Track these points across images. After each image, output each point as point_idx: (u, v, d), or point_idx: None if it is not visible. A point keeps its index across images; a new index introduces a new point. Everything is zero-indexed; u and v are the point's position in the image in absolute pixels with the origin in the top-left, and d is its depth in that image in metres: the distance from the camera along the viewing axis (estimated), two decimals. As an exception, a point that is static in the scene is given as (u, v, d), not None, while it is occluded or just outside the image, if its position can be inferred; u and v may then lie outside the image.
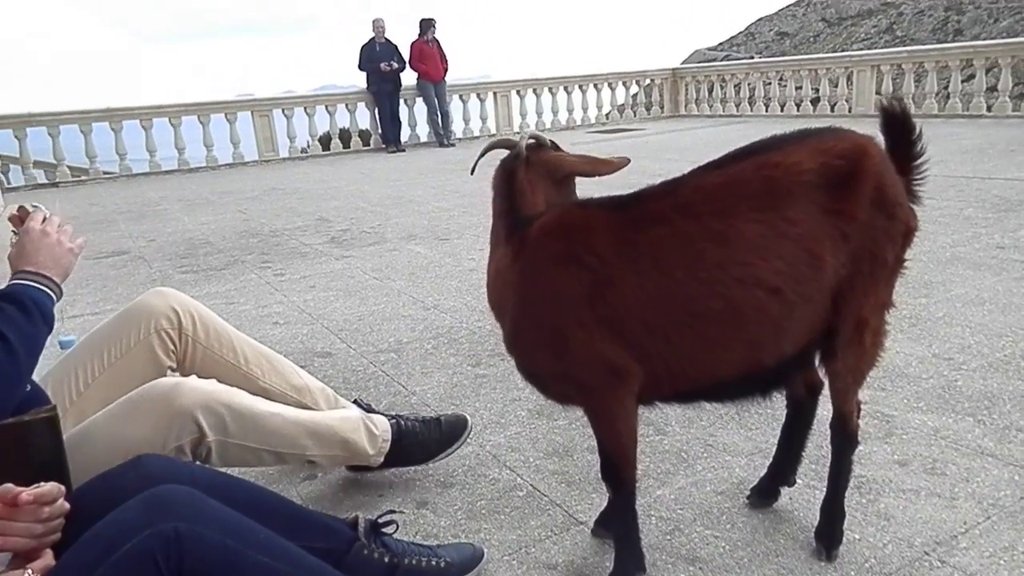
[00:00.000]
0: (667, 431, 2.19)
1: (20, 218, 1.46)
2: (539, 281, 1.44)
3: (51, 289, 1.37)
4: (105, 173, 10.05)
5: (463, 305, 3.54)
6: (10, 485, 1.02)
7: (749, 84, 12.91)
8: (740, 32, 27.15)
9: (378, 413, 1.99)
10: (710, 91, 13.54)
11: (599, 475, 1.63)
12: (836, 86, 11.48)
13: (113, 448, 1.43)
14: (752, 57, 20.37)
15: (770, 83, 12.62)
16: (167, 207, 7.28)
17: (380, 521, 1.49)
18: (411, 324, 3.32)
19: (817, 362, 1.54)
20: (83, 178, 9.91)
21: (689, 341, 1.40)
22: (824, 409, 1.67)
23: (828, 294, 1.42)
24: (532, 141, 1.59)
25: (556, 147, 1.64)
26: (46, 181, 9.74)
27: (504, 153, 1.63)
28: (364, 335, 3.22)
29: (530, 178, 1.55)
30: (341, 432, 1.77)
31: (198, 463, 1.50)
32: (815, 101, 11.98)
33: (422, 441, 1.95)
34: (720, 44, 26.68)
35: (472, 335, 3.13)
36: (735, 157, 1.43)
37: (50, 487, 1.03)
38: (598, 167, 1.62)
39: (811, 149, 1.40)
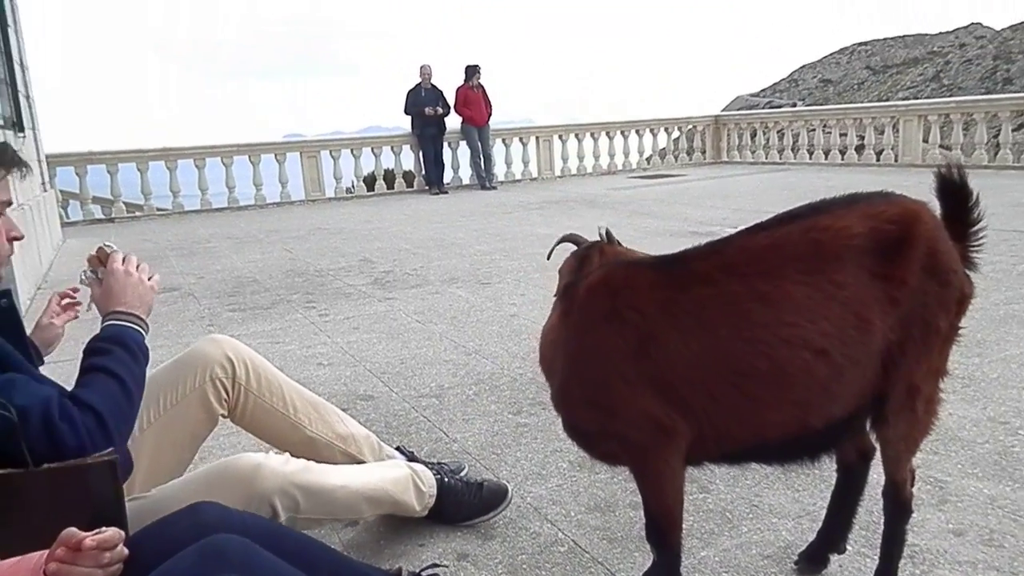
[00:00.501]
0: (711, 489, 2.15)
1: (99, 259, 1.52)
2: (585, 337, 1.46)
3: (141, 327, 1.45)
4: (159, 209, 10.38)
5: (504, 351, 3.56)
6: (74, 530, 1.05)
7: (792, 131, 12.89)
8: (783, 79, 27.20)
9: (421, 462, 2.01)
10: (752, 137, 13.54)
11: (642, 533, 1.61)
12: (882, 134, 11.38)
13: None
14: (795, 104, 20.35)
15: (814, 130, 12.56)
16: (216, 244, 7.48)
17: (423, 574, 1.49)
18: (452, 369, 3.34)
19: (868, 427, 1.52)
20: (137, 214, 10.25)
21: (735, 400, 1.40)
22: (876, 473, 1.64)
23: (878, 358, 1.41)
24: (605, 235, 1.64)
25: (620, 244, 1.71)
26: (103, 216, 10.10)
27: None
28: (406, 379, 3.25)
29: (600, 264, 1.59)
30: (394, 495, 1.82)
31: None
32: (859, 149, 11.88)
33: (461, 502, 1.98)
34: (763, 91, 26.74)
35: (513, 382, 3.13)
36: (781, 220, 1.44)
37: (111, 533, 1.06)
38: None
39: (861, 214, 1.40)
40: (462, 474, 2.21)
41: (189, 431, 1.76)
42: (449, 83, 11.36)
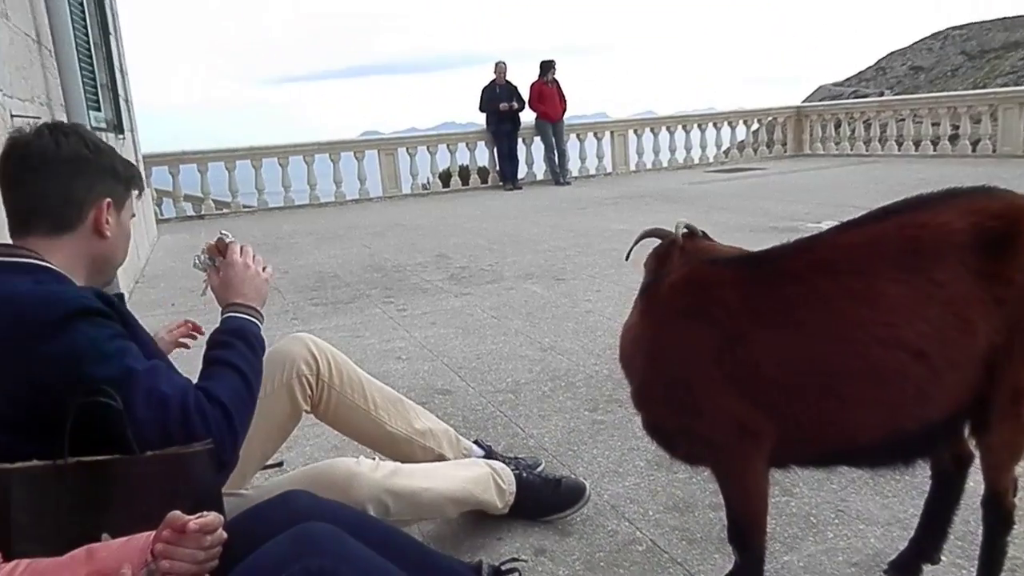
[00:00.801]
0: (795, 492, 2.10)
1: (218, 248, 1.59)
2: (668, 336, 1.44)
3: (258, 319, 1.52)
4: (245, 206, 10.80)
5: (580, 348, 3.55)
6: (179, 513, 1.10)
7: (880, 121, 12.35)
8: (869, 67, 26.08)
9: (500, 458, 2.03)
10: (836, 129, 13.04)
11: (722, 534, 1.59)
12: (979, 123, 10.79)
13: None
14: (882, 93, 19.49)
15: (903, 120, 12.00)
16: (299, 240, 7.73)
17: (503, 568, 1.51)
18: (528, 365, 3.36)
19: (967, 433, 1.45)
20: (225, 211, 10.69)
21: (824, 402, 1.36)
22: (973, 481, 1.57)
23: (980, 361, 1.34)
24: (685, 230, 1.62)
25: (706, 236, 1.66)
26: (193, 213, 10.57)
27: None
28: (483, 374, 3.29)
29: (683, 262, 1.56)
30: (476, 494, 1.87)
31: None
32: (953, 139, 11.29)
33: (539, 498, 2.00)
34: (847, 79, 25.71)
35: (589, 379, 3.13)
36: (875, 216, 1.39)
37: (213, 517, 1.11)
38: None
39: (961, 209, 1.34)
40: (539, 469, 2.22)
41: (275, 424, 1.83)
42: (524, 79, 11.41)
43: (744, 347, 1.35)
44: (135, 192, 1.51)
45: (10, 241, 1.39)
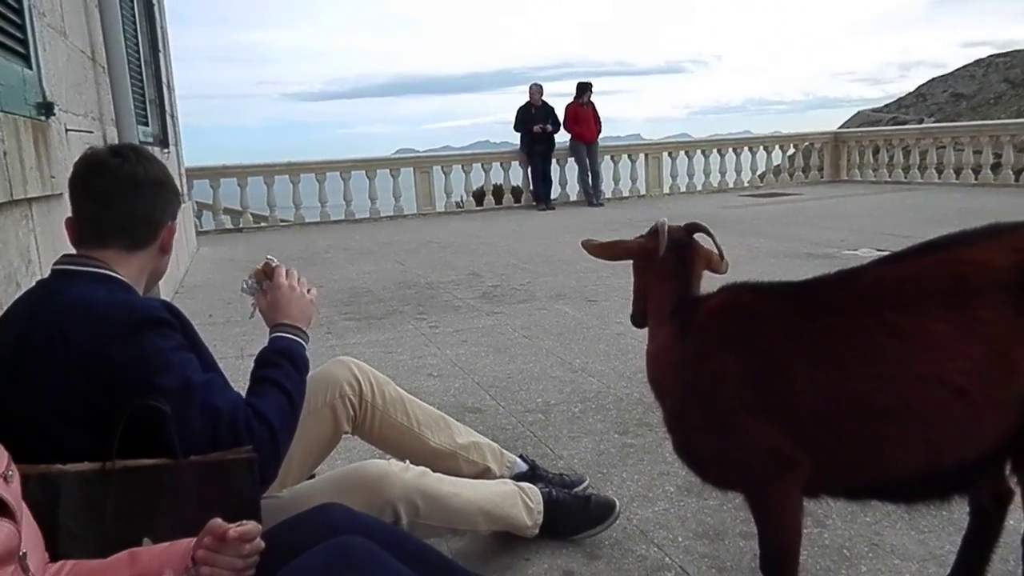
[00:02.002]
0: (827, 524, 2.07)
1: (265, 272, 1.65)
2: (707, 362, 1.44)
3: (304, 340, 1.57)
4: (282, 221, 10.99)
5: (611, 370, 3.55)
6: (220, 520, 1.13)
7: (920, 149, 12.19)
8: (910, 93, 25.79)
9: (544, 473, 2.13)
10: (875, 155, 12.89)
11: (752, 564, 1.57)
12: (1022, 152, 10.58)
13: None
14: (922, 120, 19.23)
15: (944, 148, 11.83)
16: (334, 255, 7.84)
17: (532, 589, 1.51)
18: (559, 386, 3.37)
19: (1008, 471, 1.43)
20: (263, 225, 10.89)
21: (862, 436, 1.35)
22: (1014, 519, 1.54)
23: (1021, 399, 1.32)
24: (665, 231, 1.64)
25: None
26: (232, 227, 10.78)
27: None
28: (513, 393, 3.30)
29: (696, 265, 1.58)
30: (504, 508, 1.87)
31: None
32: (995, 168, 11.09)
33: (569, 515, 1.99)
34: (886, 106, 25.44)
35: (620, 401, 3.12)
36: (918, 251, 1.38)
37: (252, 526, 1.14)
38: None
39: (1006, 246, 1.33)
40: (583, 486, 2.25)
41: (316, 443, 1.88)
42: (558, 101, 11.49)
43: (784, 378, 1.35)
44: (180, 208, 1.60)
45: (74, 250, 1.47)
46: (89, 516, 1.28)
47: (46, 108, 2.71)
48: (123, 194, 1.45)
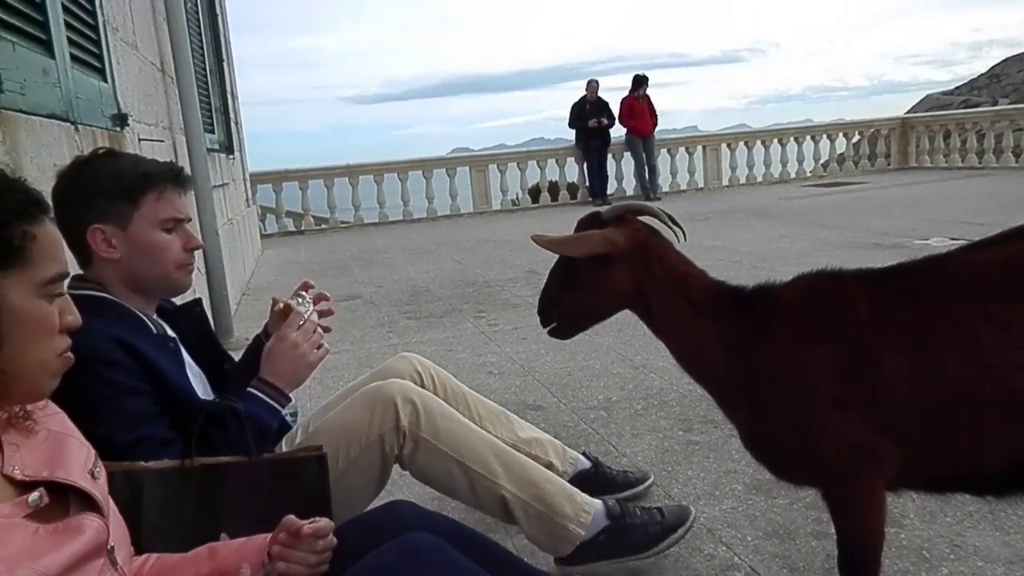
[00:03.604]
0: (905, 524, 2.00)
1: (284, 315, 1.58)
2: (792, 355, 1.39)
3: (280, 404, 1.52)
4: (342, 222, 11.21)
5: (672, 366, 3.43)
6: (294, 517, 1.16)
7: (995, 132, 11.63)
8: (982, 74, 24.67)
9: (607, 470, 2.16)
10: (946, 140, 12.37)
11: (825, 564, 1.53)
12: (1107, 133, 10.02)
13: (336, 433, 1.64)
14: (996, 102, 18.37)
15: (1021, 130, 11.28)
16: (393, 255, 7.95)
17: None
18: (620, 382, 3.34)
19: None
20: (323, 227, 11.13)
21: (957, 427, 1.30)
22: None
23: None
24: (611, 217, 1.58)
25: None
26: (294, 229, 11.05)
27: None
28: (574, 390, 3.29)
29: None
30: (532, 472, 1.75)
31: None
32: (1080, 150, 10.54)
33: (644, 523, 1.82)
34: (957, 88, 24.40)
35: (683, 398, 3.08)
36: (1013, 235, 1.32)
37: (325, 523, 1.17)
38: None
39: None
40: (648, 483, 2.24)
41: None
42: (614, 97, 11.39)
43: (876, 369, 1.31)
44: (146, 198, 1.44)
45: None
46: (169, 511, 1.33)
47: (121, 119, 2.82)
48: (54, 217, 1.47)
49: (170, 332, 1.56)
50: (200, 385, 1.57)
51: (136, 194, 1.44)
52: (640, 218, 1.60)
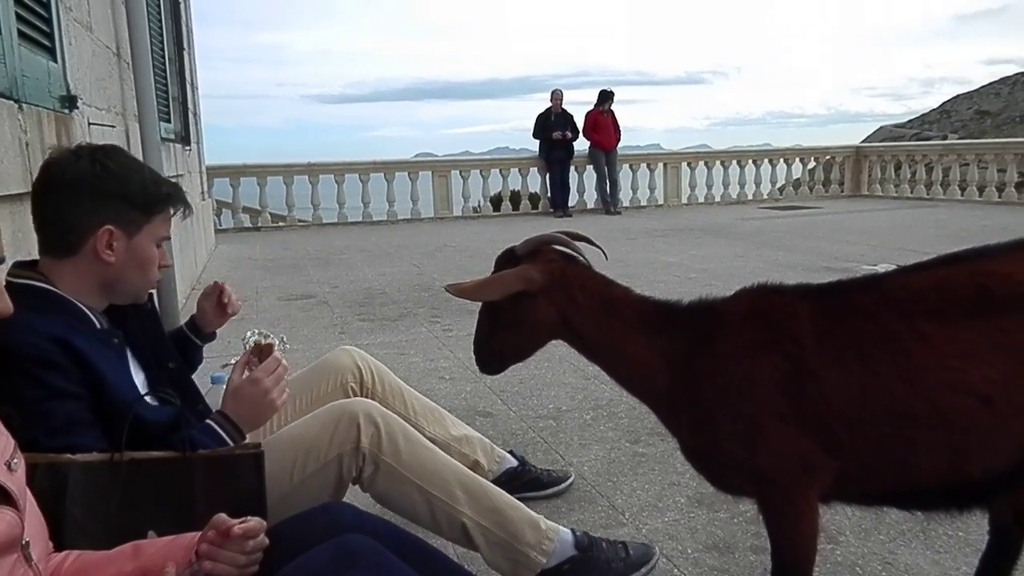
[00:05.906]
0: (840, 540, 2.03)
1: (262, 353, 1.54)
2: (736, 368, 1.40)
3: (235, 443, 1.46)
4: (300, 221, 11.05)
5: (623, 378, 3.51)
6: (224, 516, 1.12)
7: (943, 165, 12.03)
8: (933, 109, 25.53)
9: (533, 468, 2.26)
10: (897, 171, 12.76)
11: (764, 580, 1.53)
12: (1047, 171, 10.44)
13: (295, 444, 1.61)
14: (946, 137, 19.02)
15: (967, 165, 11.68)
16: (350, 256, 7.86)
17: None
18: (571, 392, 3.35)
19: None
20: (281, 224, 10.95)
21: (890, 442, 1.33)
22: (1033, 543, 1.50)
23: (1046, 411, 1.29)
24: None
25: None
26: (250, 225, 10.84)
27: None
28: (524, 398, 3.28)
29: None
30: (496, 498, 1.72)
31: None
32: (1020, 186, 10.95)
33: (609, 559, 1.78)
34: (909, 121, 25.19)
35: (631, 410, 3.09)
36: (943, 261, 1.37)
37: (256, 523, 1.13)
38: None
39: None
40: (568, 481, 2.34)
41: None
42: (578, 109, 11.48)
43: (816, 383, 1.33)
44: (159, 215, 1.48)
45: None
46: (95, 506, 1.28)
47: (70, 101, 2.73)
48: (43, 197, 1.41)
49: (115, 329, 1.51)
50: (144, 385, 1.52)
51: (154, 209, 1.46)
52: (555, 247, 1.59)
